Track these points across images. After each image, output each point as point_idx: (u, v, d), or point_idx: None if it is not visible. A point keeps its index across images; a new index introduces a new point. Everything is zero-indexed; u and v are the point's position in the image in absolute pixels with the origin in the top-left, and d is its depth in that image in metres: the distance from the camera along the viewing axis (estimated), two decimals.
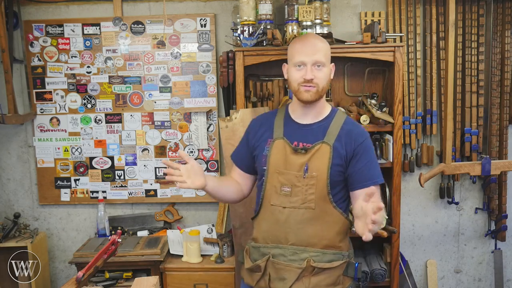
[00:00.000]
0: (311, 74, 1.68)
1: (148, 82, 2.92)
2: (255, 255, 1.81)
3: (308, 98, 1.71)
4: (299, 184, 1.72)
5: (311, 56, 1.69)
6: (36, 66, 2.93)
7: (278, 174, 1.75)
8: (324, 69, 1.72)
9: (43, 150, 2.99)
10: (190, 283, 2.59)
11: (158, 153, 2.97)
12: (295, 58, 1.72)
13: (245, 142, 1.91)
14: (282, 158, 1.75)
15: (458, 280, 3.08)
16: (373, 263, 2.57)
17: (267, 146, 1.79)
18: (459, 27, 2.76)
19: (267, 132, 1.83)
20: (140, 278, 1.70)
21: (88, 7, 2.91)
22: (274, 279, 1.75)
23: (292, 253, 1.73)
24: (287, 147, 1.76)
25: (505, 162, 2.60)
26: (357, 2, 2.84)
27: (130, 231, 2.94)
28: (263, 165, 1.79)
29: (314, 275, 1.72)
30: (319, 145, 1.73)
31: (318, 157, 1.72)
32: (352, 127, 1.79)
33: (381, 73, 2.72)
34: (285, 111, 1.87)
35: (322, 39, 1.78)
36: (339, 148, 1.73)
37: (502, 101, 2.81)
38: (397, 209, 2.52)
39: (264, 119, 1.90)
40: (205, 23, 2.86)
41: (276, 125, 1.82)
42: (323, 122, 1.79)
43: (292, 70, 1.74)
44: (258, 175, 1.86)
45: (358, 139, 1.75)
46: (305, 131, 1.78)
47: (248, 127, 1.92)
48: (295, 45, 1.75)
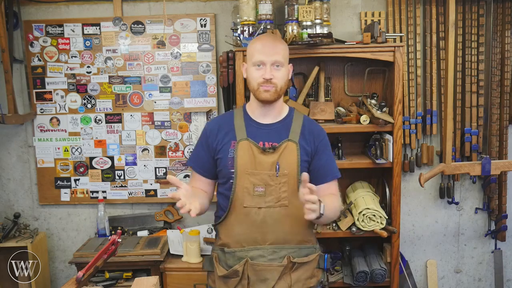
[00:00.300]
0: (270, 74, 1.71)
1: (148, 82, 2.92)
2: (230, 261, 1.77)
3: (268, 97, 1.74)
4: (272, 183, 1.74)
5: (270, 56, 1.72)
6: (36, 66, 2.93)
7: (248, 175, 1.74)
8: (282, 69, 1.75)
9: (43, 150, 2.99)
10: (190, 283, 2.59)
11: (158, 153, 2.97)
12: (255, 58, 1.74)
13: (204, 147, 1.86)
14: (250, 159, 1.75)
15: (458, 280, 3.08)
16: (373, 263, 2.57)
17: (231, 148, 1.78)
18: (459, 27, 2.76)
19: (229, 134, 1.81)
20: (140, 278, 1.70)
21: (88, 7, 2.91)
22: (254, 281, 1.74)
23: (271, 253, 1.75)
24: (253, 148, 1.76)
25: (505, 162, 2.60)
26: (357, 2, 2.84)
27: (130, 231, 2.94)
28: (230, 168, 1.77)
29: (294, 271, 1.77)
30: (285, 143, 1.77)
31: (287, 155, 1.76)
32: (312, 125, 1.88)
33: (381, 73, 2.72)
34: (243, 111, 1.86)
35: (281, 40, 1.84)
36: (305, 145, 1.79)
37: (502, 101, 2.81)
38: (397, 209, 2.52)
39: (221, 121, 1.87)
40: (205, 23, 2.86)
41: (237, 126, 1.82)
42: (285, 121, 1.84)
43: (251, 70, 1.76)
44: (222, 179, 1.83)
45: (320, 136, 1.85)
46: (267, 131, 1.80)
47: (205, 131, 1.87)
48: (255, 45, 1.77)
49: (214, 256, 1.84)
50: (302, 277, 1.79)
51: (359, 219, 2.48)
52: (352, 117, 2.53)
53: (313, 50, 2.44)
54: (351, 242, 2.76)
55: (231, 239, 1.79)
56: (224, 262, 1.80)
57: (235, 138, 1.79)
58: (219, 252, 1.83)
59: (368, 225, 2.48)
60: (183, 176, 2.98)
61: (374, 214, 2.47)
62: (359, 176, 2.79)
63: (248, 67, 1.78)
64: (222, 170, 1.81)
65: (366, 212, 2.47)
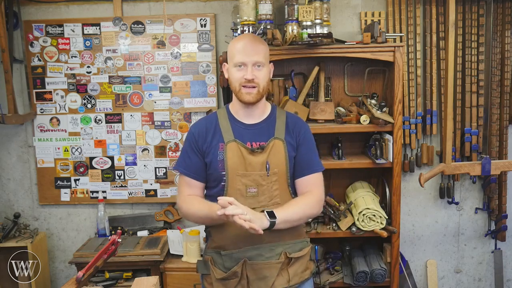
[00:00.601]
0: (251, 74, 1.72)
1: (148, 82, 2.92)
2: (227, 263, 1.76)
3: (250, 99, 1.74)
4: (264, 182, 1.75)
5: (251, 57, 1.72)
6: (36, 66, 2.93)
7: (240, 176, 1.74)
8: (264, 69, 1.75)
9: (43, 150, 2.99)
10: (190, 283, 2.59)
11: (158, 153, 2.97)
12: (236, 58, 1.74)
13: (194, 150, 1.81)
14: (240, 160, 1.75)
15: (458, 280, 3.08)
16: (373, 263, 2.57)
17: (220, 151, 1.77)
18: (459, 27, 2.76)
19: (216, 137, 1.80)
20: (140, 278, 1.70)
21: (88, 7, 2.91)
22: (253, 280, 1.74)
23: (268, 251, 1.75)
24: (241, 149, 1.76)
25: (505, 162, 2.60)
26: (357, 2, 2.84)
27: (130, 231, 2.94)
28: (220, 170, 1.76)
29: (290, 266, 1.78)
30: (272, 142, 1.78)
31: (275, 153, 1.77)
32: (295, 119, 1.88)
33: (381, 73, 2.72)
34: (227, 113, 1.85)
35: (261, 40, 1.83)
36: (290, 140, 1.81)
37: (502, 101, 2.81)
38: (397, 209, 2.52)
39: (207, 123, 1.84)
40: (205, 23, 2.86)
41: (223, 128, 1.81)
42: (269, 119, 1.84)
43: (232, 70, 1.76)
44: (212, 182, 1.81)
45: (301, 129, 1.85)
46: (253, 131, 1.81)
47: (192, 135, 1.83)
48: (235, 45, 1.77)
49: (209, 259, 1.80)
50: (298, 271, 1.80)
51: (359, 219, 2.48)
52: (352, 117, 2.53)
53: (313, 50, 2.44)
54: (351, 242, 2.76)
55: (226, 241, 1.77)
56: (221, 265, 1.78)
57: (222, 140, 1.78)
58: (214, 255, 1.80)
59: (368, 225, 2.48)
60: None
61: (374, 214, 2.47)
62: (359, 176, 2.79)
63: (230, 68, 1.78)
64: (212, 173, 1.79)
65: (366, 212, 2.47)
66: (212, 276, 1.78)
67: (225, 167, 1.75)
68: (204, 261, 1.84)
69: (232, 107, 1.86)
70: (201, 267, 1.85)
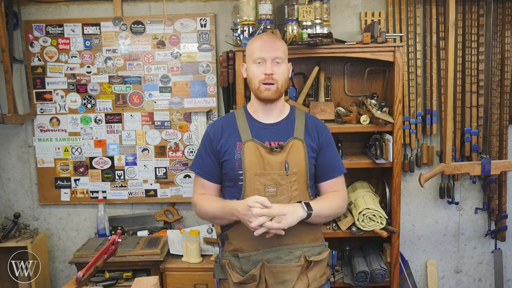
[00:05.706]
0: (271, 69, 1.71)
1: (148, 82, 2.92)
2: (245, 266, 1.72)
3: (269, 95, 1.74)
4: (283, 182, 1.73)
5: (270, 52, 1.72)
6: (36, 66, 2.93)
7: (258, 176, 1.72)
8: (282, 66, 1.75)
9: (43, 150, 2.99)
10: (190, 283, 2.59)
11: (158, 153, 2.97)
12: (255, 55, 1.74)
13: (208, 151, 1.81)
14: (258, 160, 1.73)
15: (458, 280, 3.08)
16: (373, 263, 2.57)
17: (237, 150, 1.75)
18: (459, 27, 2.76)
19: (233, 136, 1.78)
20: (140, 278, 1.70)
21: (88, 7, 2.91)
22: (272, 284, 1.70)
23: (287, 253, 1.72)
24: (260, 148, 1.74)
25: (505, 162, 2.60)
26: (357, 2, 2.84)
27: (130, 231, 2.94)
28: (237, 170, 1.74)
29: (309, 270, 1.75)
30: (292, 141, 1.77)
31: (294, 153, 1.75)
32: (315, 121, 1.87)
33: (381, 73, 2.72)
34: (245, 112, 1.85)
35: (280, 38, 1.85)
36: (310, 141, 1.79)
37: (502, 101, 2.82)
38: (397, 209, 2.52)
39: (223, 123, 1.84)
40: (205, 23, 2.86)
41: (241, 127, 1.80)
42: (288, 119, 1.83)
43: (252, 67, 1.76)
44: (229, 182, 1.80)
45: (323, 132, 1.84)
46: (272, 130, 1.79)
47: (208, 135, 1.83)
48: (254, 43, 1.78)
49: (227, 263, 1.77)
50: (317, 275, 1.77)
51: (359, 219, 2.48)
52: (352, 117, 2.53)
53: (313, 50, 2.44)
54: (351, 242, 2.76)
55: (244, 244, 1.74)
56: (238, 268, 1.74)
57: (240, 139, 1.77)
58: (231, 258, 1.77)
59: (368, 225, 2.49)
60: (183, 176, 2.98)
61: (374, 214, 2.47)
62: (359, 176, 2.80)
63: (248, 66, 1.78)
64: (228, 173, 1.77)
65: (366, 212, 2.47)
66: (230, 280, 1.75)
67: (242, 166, 1.73)
68: (221, 265, 1.80)
69: (250, 107, 1.85)
70: (218, 271, 1.81)
